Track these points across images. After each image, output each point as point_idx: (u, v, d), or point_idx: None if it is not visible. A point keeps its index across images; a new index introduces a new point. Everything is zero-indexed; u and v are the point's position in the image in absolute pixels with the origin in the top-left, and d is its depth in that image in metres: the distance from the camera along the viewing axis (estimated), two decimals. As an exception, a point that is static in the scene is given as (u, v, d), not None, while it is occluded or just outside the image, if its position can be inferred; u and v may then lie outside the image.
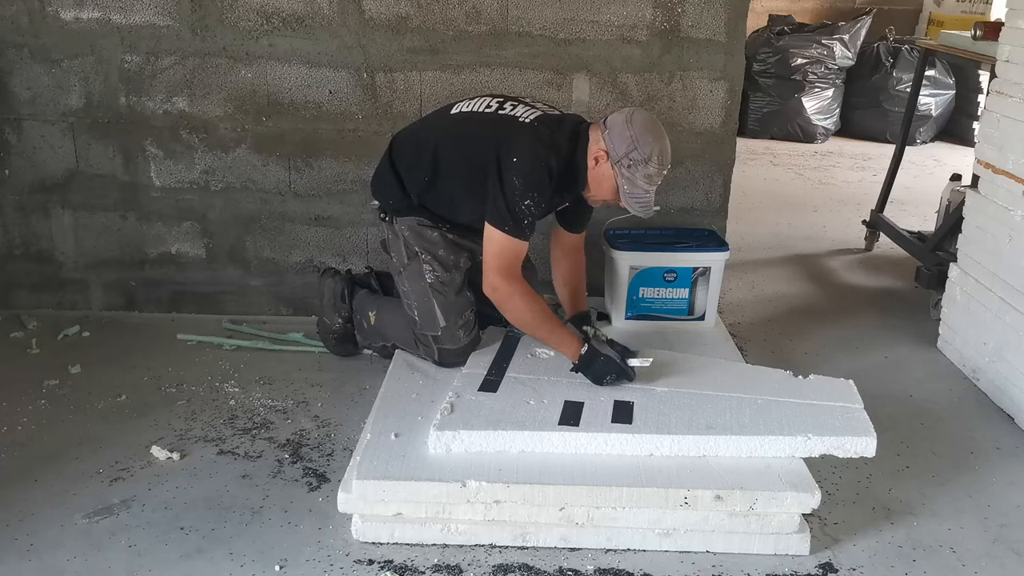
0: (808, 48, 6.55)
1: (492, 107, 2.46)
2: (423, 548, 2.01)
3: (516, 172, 2.32)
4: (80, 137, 3.05)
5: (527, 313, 2.40)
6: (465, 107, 2.51)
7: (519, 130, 2.38)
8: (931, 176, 5.77)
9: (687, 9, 2.98)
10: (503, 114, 2.43)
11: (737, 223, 3.82)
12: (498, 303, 2.40)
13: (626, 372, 2.33)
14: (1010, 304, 2.74)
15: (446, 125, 2.52)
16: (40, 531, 2.02)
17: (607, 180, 2.36)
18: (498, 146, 2.36)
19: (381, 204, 2.64)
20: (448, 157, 2.47)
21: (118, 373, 2.77)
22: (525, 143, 2.34)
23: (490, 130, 2.41)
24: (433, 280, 2.55)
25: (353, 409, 2.59)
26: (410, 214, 2.56)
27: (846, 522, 2.16)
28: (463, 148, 2.45)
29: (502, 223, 2.34)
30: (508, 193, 2.32)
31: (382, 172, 2.62)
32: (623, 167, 2.31)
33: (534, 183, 2.32)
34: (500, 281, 2.37)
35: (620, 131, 2.31)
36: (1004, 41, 2.93)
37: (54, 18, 2.92)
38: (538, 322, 2.42)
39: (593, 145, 2.36)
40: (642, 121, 2.33)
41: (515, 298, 2.38)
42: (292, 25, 2.95)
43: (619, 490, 1.98)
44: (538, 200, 2.34)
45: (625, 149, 2.30)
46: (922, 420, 2.68)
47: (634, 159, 2.30)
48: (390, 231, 2.63)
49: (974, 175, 3.09)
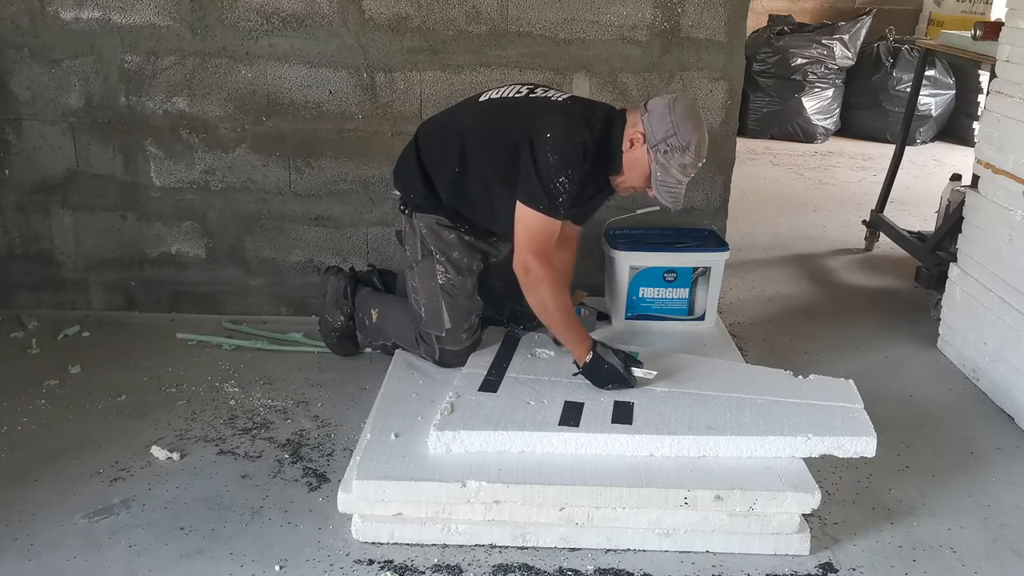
0: (808, 48, 6.55)
1: (523, 92, 2.44)
2: (423, 548, 2.01)
3: (551, 148, 2.27)
4: (80, 137, 3.05)
5: (551, 301, 2.33)
6: (494, 94, 2.48)
7: (552, 107, 2.36)
8: (931, 176, 5.77)
9: (687, 9, 2.98)
10: (534, 97, 2.41)
11: (737, 223, 3.81)
12: (526, 284, 2.34)
13: (628, 382, 2.31)
14: (1010, 304, 2.74)
15: (475, 113, 2.49)
16: (40, 531, 2.02)
17: (640, 165, 2.33)
18: (531, 124, 2.31)
19: (403, 196, 2.59)
20: (477, 145, 2.42)
21: (118, 373, 2.77)
22: (560, 119, 2.32)
23: (522, 112, 2.38)
24: (444, 282, 2.54)
25: (353, 409, 2.59)
26: (431, 212, 2.53)
27: (846, 522, 2.16)
28: (493, 134, 2.41)
29: (536, 202, 2.28)
30: (542, 170, 2.26)
31: (407, 163, 2.56)
32: (659, 152, 2.28)
33: (569, 159, 2.27)
34: (534, 263, 2.30)
35: (661, 115, 2.28)
36: (1004, 41, 2.93)
37: (54, 18, 2.92)
38: (558, 314, 2.36)
39: (630, 127, 2.33)
40: (684, 108, 2.30)
41: (544, 284, 2.32)
42: (292, 25, 2.95)
43: (619, 490, 1.98)
44: (572, 177, 2.28)
45: (664, 134, 2.27)
46: (922, 420, 2.68)
47: (672, 145, 2.27)
48: (408, 225, 2.59)
49: (974, 175, 3.09)
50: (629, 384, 2.31)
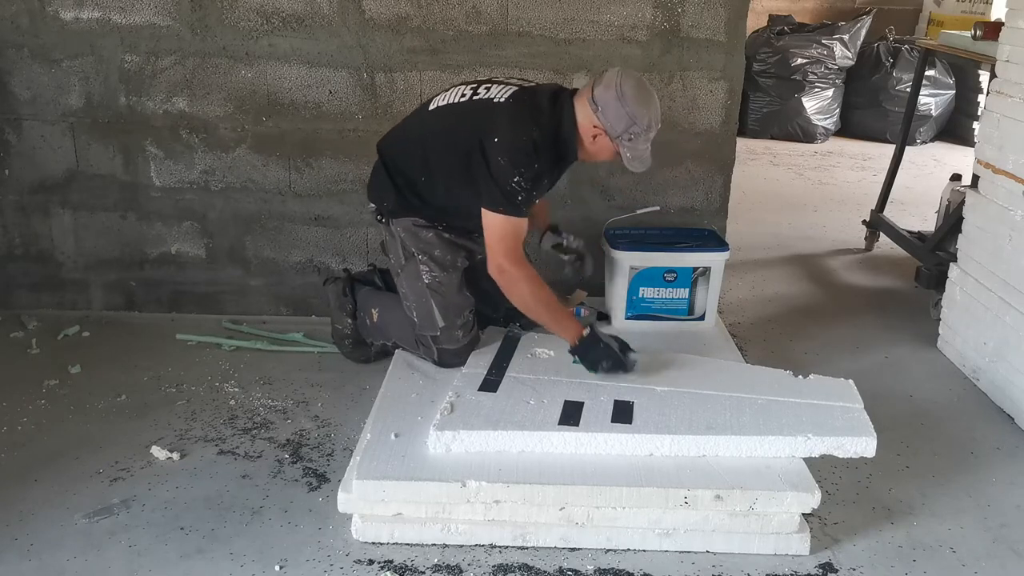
0: (808, 48, 6.54)
1: (466, 95, 2.47)
2: (423, 548, 2.01)
3: (500, 151, 2.33)
4: (80, 137, 3.05)
5: (530, 297, 2.40)
6: (441, 101, 2.52)
7: (495, 110, 2.39)
8: (931, 176, 5.77)
9: (687, 9, 2.98)
10: (478, 99, 2.44)
11: (737, 223, 3.81)
12: (503, 285, 2.41)
13: (623, 363, 2.35)
14: (1010, 304, 2.74)
15: (427, 122, 2.53)
16: (40, 531, 2.03)
17: (606, 151, 2.41)
18: (479, 131, 2.37)
19: (377, 207, 2.64)
20: (436, 152, 2.47)
21: (118, 373, 2.77)
22: (504, 121, 2.36)
23: (468, 118, 2.42)
24: (430, 280, 2.56)
25: (353, 409, 2.59)
26: (406, 215, 2.57)
27: (846, 522, 2.16)
28: (447, 141, 2.45)
29: (496, 205, 2.35)
30: (496, 174, 2.33)
31: (377, 176, 2.62)
32: (624, 140, 2.35)
33: (519, 159, 2.33)
34: (507, 264, 2.38)
35: (615, 110, 2.31)
36: (1004, 41, 2.93)
37: (54, 18, 2.92)
38: (540, 307, 2.42)
39: (585, 121, 2.37)
40: (632, 93, 2.32)
41: (521, 283, 2.39)
42: (292, 25, 2.95)
43: (619, 490, 1.98)
44: (526, 175, 2.34)
45: (624, 126, 2.32)
46: (922, 420, 2.68)
47: (634, 132, 2.33)
48: (387, 233, 2.64)
49: (974, 175, 3.09)
50: (623, 363, 2.35)
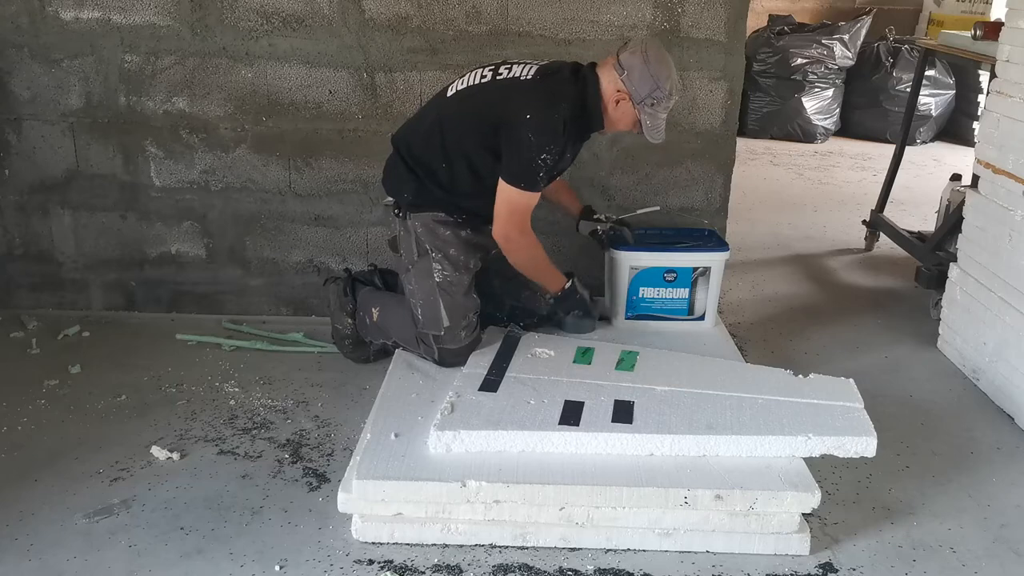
0: (808, 48, 6.54)
1: (487, 76, 2.49)
2: (423, 548, 2.01)
3: (530, 128, 2.36)
4: (80, 137, 3.05)
5: (528, 259, 2.56)
6: (460, 85, 2.53)
7: (523, 88, 2.42)
8: (931, 176, 5.77)
9: (687, 9, 2.98)
10: (502, 79, 2.46)
11: (737, 223, 3.82)
12: (505, 249, 2.52)
13: (591, 314, 2.70)
14: (1010, 304, 2.74)
15: (446, 107, 2.53)
16: (40, 531, 2.02)
17: (627, 117, 2.47)
18: (506, 106, 2.40)
19: (396, 200, 2.63)
20: (456, 135, 2.48)
21: (118, 373, 2.77)
22: (533, 98, 2.39)
23: (495, 97, 2.44)
24: (441, 279, 2.55)
25: (353, 409, 2.59)
26: (427, 208, 2.56)
27: (846, 522, 2.16)
28: (472, 122, 2.47)
29: (517, 180, 2.41)
30: (524, 150, 2.37)
31: (393, 168, 2.61)
32: (646, 106, 2.40)
33: (548, 136, 2.37)
34: (514, 234, 2.48)
35: (640, 73, 2.37)
36: (1004, 41, 2.93)
37: (54, 18, 2.92)
38: (534, 263, 2.59)
39: (609, 86, 2.42)
40: (656, 58, 2.39)
41: (523, 249, 2.53)
42: (292, 25, 2.95)
43: (619, 490, 1.98)
44: (553, 151, 2.39)
45: (648, 90, 2.38)
46: (922, 420, 2.68)
47: (657, 98, 2.39)
48: (402, 227, 2.62)
49: (974, 175, 3.09)
50: (591, 314, 2.69)
